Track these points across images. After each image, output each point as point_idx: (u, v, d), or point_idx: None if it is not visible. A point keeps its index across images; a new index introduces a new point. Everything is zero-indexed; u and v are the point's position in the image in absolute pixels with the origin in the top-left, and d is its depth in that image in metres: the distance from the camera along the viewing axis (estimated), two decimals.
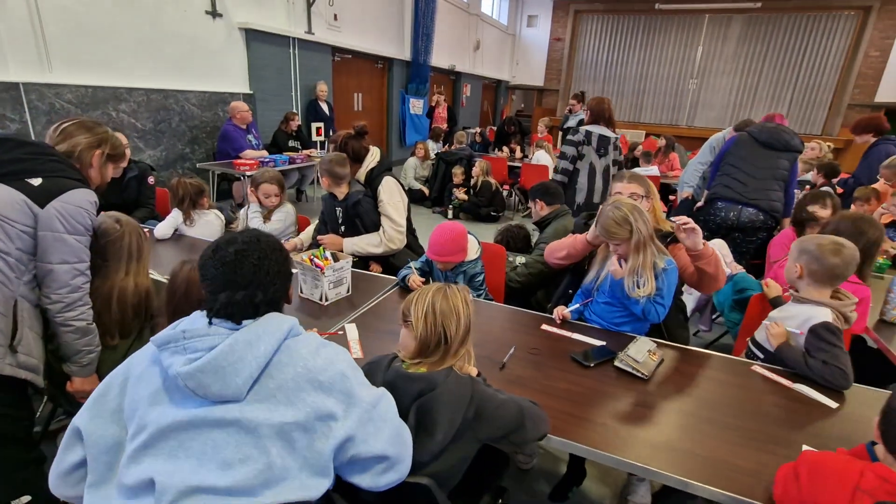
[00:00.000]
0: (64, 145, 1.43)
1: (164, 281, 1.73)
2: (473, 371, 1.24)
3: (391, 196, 2.54)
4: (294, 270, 1.26)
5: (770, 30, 11.64)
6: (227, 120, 5.22)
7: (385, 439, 0.92)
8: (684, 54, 12.56)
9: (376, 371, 1.20)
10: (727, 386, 1.51)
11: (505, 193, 6.08)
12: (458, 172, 5.85)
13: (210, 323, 0.91)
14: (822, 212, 2.52)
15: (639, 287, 1.71)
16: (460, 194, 5.82)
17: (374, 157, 2.60)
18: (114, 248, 1.53)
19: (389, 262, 2.57)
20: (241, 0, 5.69)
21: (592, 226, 1.92)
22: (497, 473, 1.40)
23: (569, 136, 3.50)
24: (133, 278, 1.59)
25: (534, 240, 2.89)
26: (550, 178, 3.69)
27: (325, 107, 6.79)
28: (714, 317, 3.24)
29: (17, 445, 1.36)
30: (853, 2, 10.78)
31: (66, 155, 1.42)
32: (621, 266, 1.76)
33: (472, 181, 5.84)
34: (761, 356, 1.72)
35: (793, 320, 1.64)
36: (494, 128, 10.31)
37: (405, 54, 8.98)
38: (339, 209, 2.52)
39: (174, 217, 2.59)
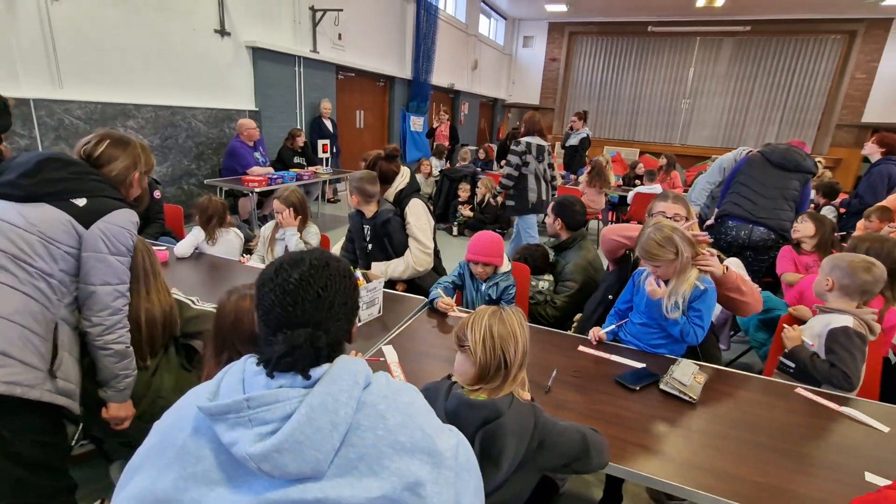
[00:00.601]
0: (104, 165, 1.40)
1: (185, 300, 1.70)
2: (527, 396, 1.23)
3: (418, 218, 2.54)
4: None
5: (759, 52, 11.98)
6: (235, 137, 5.22)
7: (472, 491, 0.80)
8: (677, 75, 12.86)
9: (435, 398, 1.18)
10: (775, 409, 1.50)
11: None
12: (464, 189, 5.87)
13: (271, 375, 0.74)
14: (800, 225, 2.91)
15: (678, 308, 1.71)
16: (465, 211, 5.84)
17: (403, 178, 2.60)
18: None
19: (415, 282, 2.55)
20: (249, 19, 5.74)
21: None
22: (549, 501, 1.37)
23: (512, 147, 4.17)
24: (155, 296, 1.55)
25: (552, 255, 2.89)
26: (500, 182, 4.34)
27: (328, 124, 6.82)
28: (731, 334, 3.25)
29: (50, 473, 1.31)
30: (839, 26, 11.16)
31: (106, 174, 1.40)
32: (659, 286, 1.76)
33: (477, 198, 5.87)
34: (792, 366, 1.79)
35: (811, 330, 1.77)
36: (493, 146, 10.42)
37: (406, 73, 9.09)
38: (367, 227, 2.51)
39: (195, 235, 2.55)
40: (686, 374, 1.56)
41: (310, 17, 6.59)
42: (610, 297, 2.05)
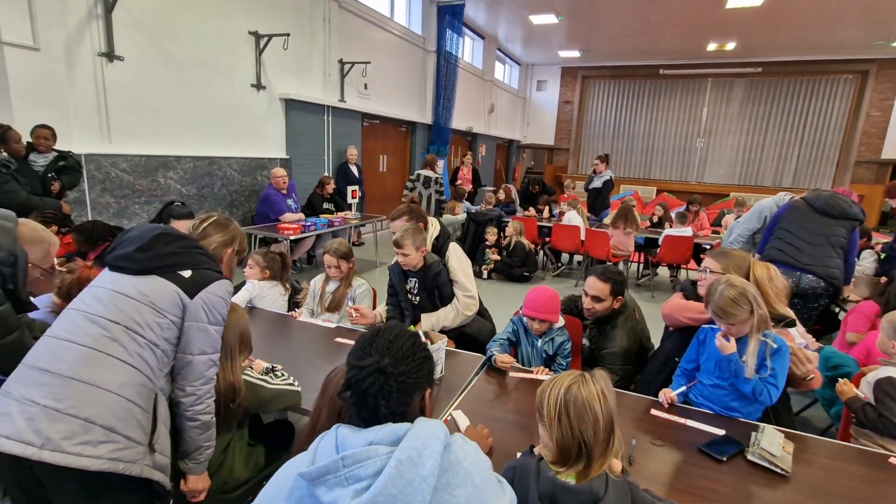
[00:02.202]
0: (202, 240, 1.45)
1: (258, 381, 1.64)
2: (618, 465, 1.16)
3: (459, 262, 2.54)
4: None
5: (772, 92, 12.18)
6: (268, 184, 5.36)
7: None
8: (690, 115, 13.08)
9: (525, 478, 1.13)
10: (875, 483, 1.42)
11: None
12: (491, 233, 5.91)
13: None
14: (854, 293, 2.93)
15: (757, 371, 1.66)
16: (493, 255, 5.85)
17: (434, 226, 2.63)
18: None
19: (464, 332, 2.52)
20: (283, 73, 6.02)
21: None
22: None
23: (410, 177, 6.45)
24: (233, 370, 1.53)
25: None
26: (430, 199, 6.31)
27: (354, 169, 6.99)
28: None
29: None
30: (850, 67, 11.35)
31: (204, 247, 1.45)
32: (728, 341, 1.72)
33: (505, 241, 5.89)
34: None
35: (867, 381, 1.85)
36: (511, 186, 10.58)
37: (427, 118, 9.38)
38: (412, 280, 2.51)
39: (248, 290, 2.58)
40: (774, 444, 1.50)
41: (338, 70, 6.90)
42: (676, 359, 2.00)
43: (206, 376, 1.32)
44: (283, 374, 1.70)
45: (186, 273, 1.31)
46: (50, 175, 3.52)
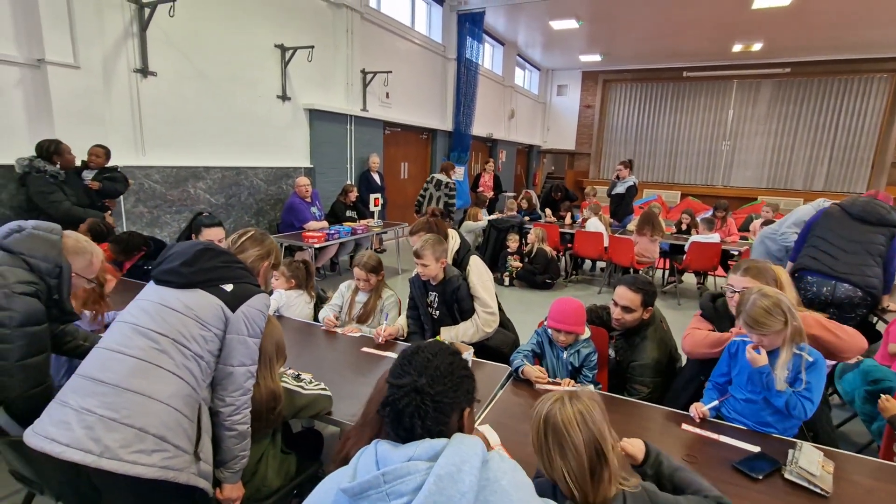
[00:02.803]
0: (240, 254, 1.50)
1: (295, 387, 1.67)
2: (635, 480, 1.11)
3: (480, 276, 2.53)
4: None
5: (801, 93, 11.84)
6: (293, 193, 5.47)
7: None
8: (715, 117, 12.81)
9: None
10: None
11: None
12: (513, 240, 5.89)
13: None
14: None
15: (791, 384, 1.62)
16: (515, 262, 5.83)
17: (454, 239, 2.62)
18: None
19: (484, 343, 2.52)
20: (307, 84, 6.15)
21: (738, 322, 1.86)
22: None
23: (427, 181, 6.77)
24: (272, 379, 1.57)
25: None
26: (441, 202, 6.58)
27: (376, 177, 7.07)
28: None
29: None
30: (884, 66, 10.96)
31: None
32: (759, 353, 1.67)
33: (527, 248, 5.86)
34: None
35: None
36: (531, 191, 10.53)
37: (447, 125, 9.44)
38: (433, 294, 2.51)
39: (276, 299, 2.64)
40: (813, 462, 1.45)
41: (361, 79, 7.01)
42: (702, 377, 1.96)
43: (245, 387, 1.36)
44: (309, 380, 1.73)
45: (228, 287, 1.35)
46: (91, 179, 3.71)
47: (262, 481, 1.56)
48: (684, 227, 6.27)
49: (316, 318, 2.73)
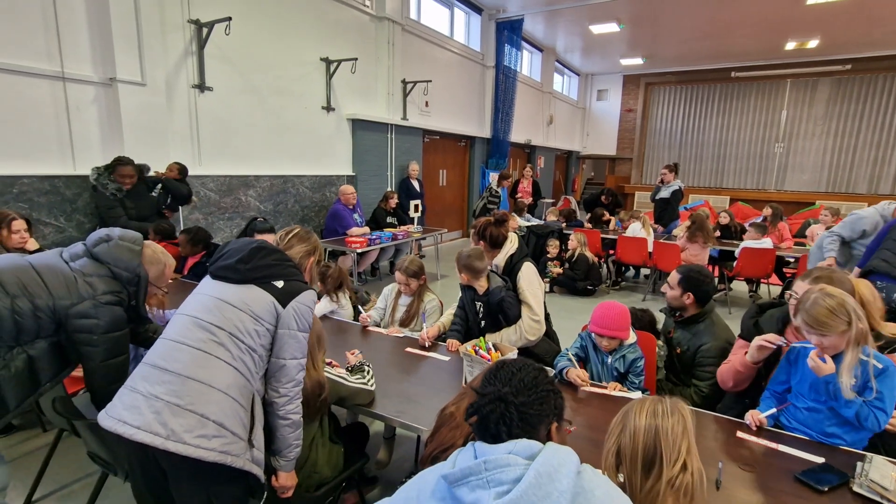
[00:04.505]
0: (288, 252, 1.58)
1: (337, 378, 1.75)
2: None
3: (530, 284, 2.52)
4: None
5: (863, 90, 11.12)
6: (336, 200, 5.65)
7: None
8: (767, 118, 12.22)
9: None
10: None
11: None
12: (553, 245, 5.82)
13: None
14: None
15: (860, 393, 1.52)
16: (555, 268, 5.76)
17: (512, 243, 2.62)
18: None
19: (530, 351, 2.50)
20: (350, 95, 6.36)
21: (753, 346, 1.79)
22: None
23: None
24: (315, 370, 1.64)
25: (659, 325, 2.70)
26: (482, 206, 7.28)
27: (416, 184, 7.18)
28: None
29: None
30: None
31: None
32: (824, 361, 1.58)
33: (567, 254, 5.78)
34: None
35: None
36: (570, 198, 10.37)
37: (486, 132, 9.48)
38: (479, 304, 2.51)
39: (325, 306, 2.73)
40: (885, 476, 1.36)
41: (401, 89, 7.17)
42: (762, 383, 1.87)
43: (297, 379, 1.43)
44: (368, 371, 1.81)
45: (279, 283, 1.42)
46: (158, 193, 3.98)
47: (312, 467, 1.62)
48: (722, 224, 6.06)
49: (356, 319, 2.81)
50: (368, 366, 1.90)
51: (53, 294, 1.52)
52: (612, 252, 6.14)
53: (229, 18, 4.48)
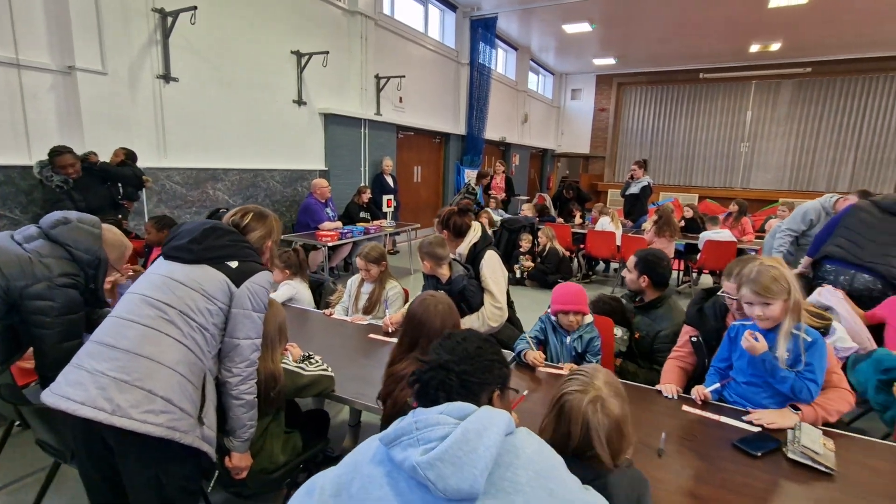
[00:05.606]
0: (245, 234, 1.57)
1: (295, 369, 1.73)
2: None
3: (493, 272, 2.56)
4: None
5: (823, 92, 11.60)
6: (309, 195, 5.60)
7: None
8: (733, 119, 12.62)
9: None
10: None
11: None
12: (525, 240, 5.90)
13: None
14: None
15: (792, 366, 1.61)
16: (526, 262, 5.84)
17: (476, 232, 2.66)
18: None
19: (496, 338, 2.54)
20: (322, 89, 6.31)
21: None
22: None
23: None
24: (272, 360, 1.63)
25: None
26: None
27: (389, 180, 7.17)
28: None
29: None
30: None
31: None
32: (756, 340, 1.66)
33: (539, 248, 5.87)
34: None
35: None
36: (545, 195, 10.51)
37: (460, 129, 9.52)
38: (442, 292, 2.54)
39: (288, 288, 2.71)
40: (815, 441, 1.44)
41: (375, 84, 7.14)
42: (705, 361, 1.96)
43: (251, 359, 1.43)
44: (318, 361, 1.79)
45: (233, 264, 1.42)
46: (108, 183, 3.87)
47: (268, 458, 1.62)
48: (687, 217, 6.26)
49: (317, 305, 2.80)
50: (316, 356, 1.85)
51: (7, 275, 1.49)
52: (582, 246, 6.26)
53: (195, 7, 4.39)
